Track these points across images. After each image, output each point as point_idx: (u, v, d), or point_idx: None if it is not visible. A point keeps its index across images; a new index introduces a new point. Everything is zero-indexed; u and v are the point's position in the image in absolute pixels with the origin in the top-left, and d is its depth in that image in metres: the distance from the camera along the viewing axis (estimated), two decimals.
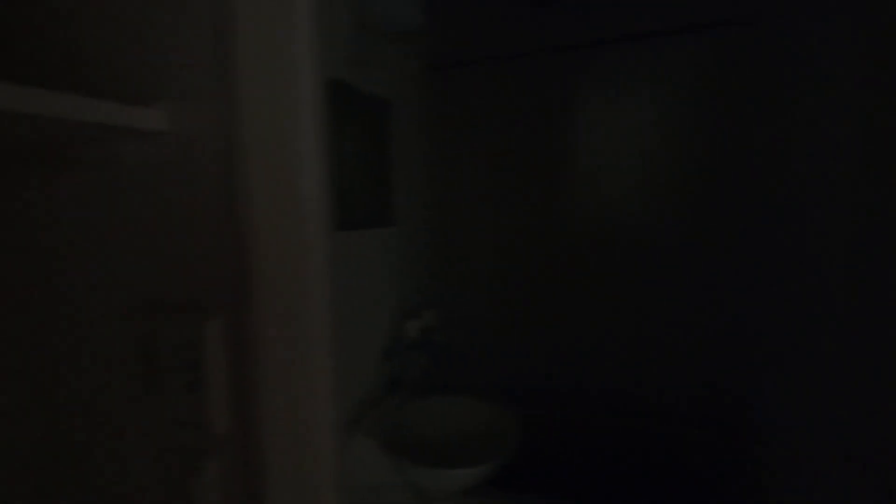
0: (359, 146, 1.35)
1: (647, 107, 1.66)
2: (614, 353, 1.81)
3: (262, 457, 0.49)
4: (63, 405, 0.59)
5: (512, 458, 1.22)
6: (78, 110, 0.42)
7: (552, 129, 1.80)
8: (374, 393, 1.42)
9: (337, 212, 1.22)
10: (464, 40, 1.83)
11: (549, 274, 1.87)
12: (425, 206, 1.78)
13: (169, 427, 0.53)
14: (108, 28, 0.51)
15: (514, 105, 1.83)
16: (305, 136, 0.49)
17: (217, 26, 0.48)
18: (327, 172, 0.55)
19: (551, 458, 1.85)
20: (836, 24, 0.84)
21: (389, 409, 1.37)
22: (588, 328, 1.83)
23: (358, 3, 1.32)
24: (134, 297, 0.53)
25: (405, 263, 1.60)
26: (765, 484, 1.09)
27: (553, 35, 1.74)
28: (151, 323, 0.51)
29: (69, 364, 0.58)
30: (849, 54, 0.79)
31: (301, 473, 0.50)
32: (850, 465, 0.58)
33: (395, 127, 1.58)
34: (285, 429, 0.49)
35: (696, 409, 1.72)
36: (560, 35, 1.74)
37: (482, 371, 2.00)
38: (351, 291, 1.30)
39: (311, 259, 0.52)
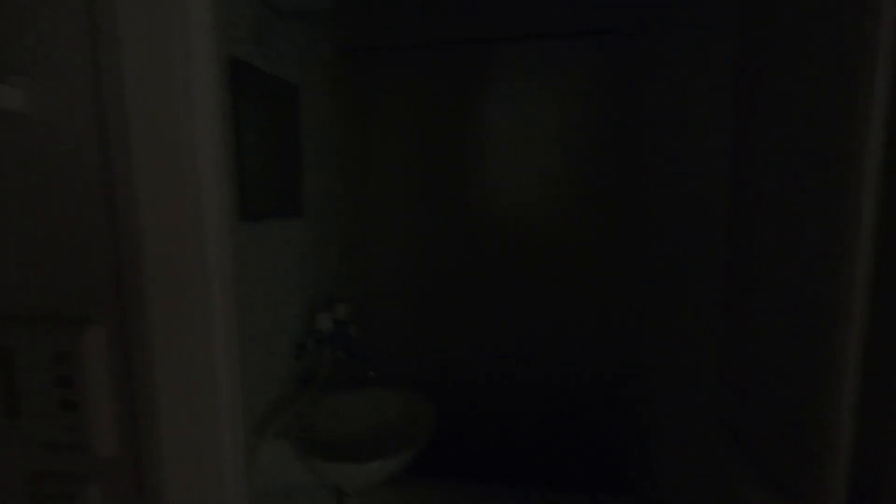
0: (264, 132, 1.26)
1: (545, 103, 1.75)
2: (519, 340, 1.89)
3: (159, 479, 0.45)
4: None
5: (428, 445, 1.24)
6: None
7: (459, 122, 1.82)
8: (285, 391, 1.36)
9: (240, 201, 1.14)
10: (375, 25, 1.78)
11: (459, 265, 1.90)
12: (336, 196, 1.72)
13: (37, 451, 0.47)
14: None
15: (424, 95, 1.82)
16: (200, 118, 0.45)
17: None
18: (228, 157, 0.50)
19: (464, 442, 1.91)
20: (714, 39, 0.94)
21: (302, 408, 1.32)
22: (495, 318, 1.90)
23: None
24: None
25: (315, 256, 1.54)
26: (650, 447, 1.22)
27: (460, 27, 1.76)
28: (5, 338, 0.44)
29: None
30: (721, 70, 0.89)
31: (204, 496, 0.46)
32: (720, 431, 0.66)
33: (305, 114, 1.51)
34: (185, 447, 0.45)
35: (590, 389, 1.86)
36: (467, 28, 1.76)
37: (396, 363, 1.99)
38: (257, 286, 1.22)
39: (210, 255, 0.47)
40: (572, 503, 1.32)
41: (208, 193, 0.46)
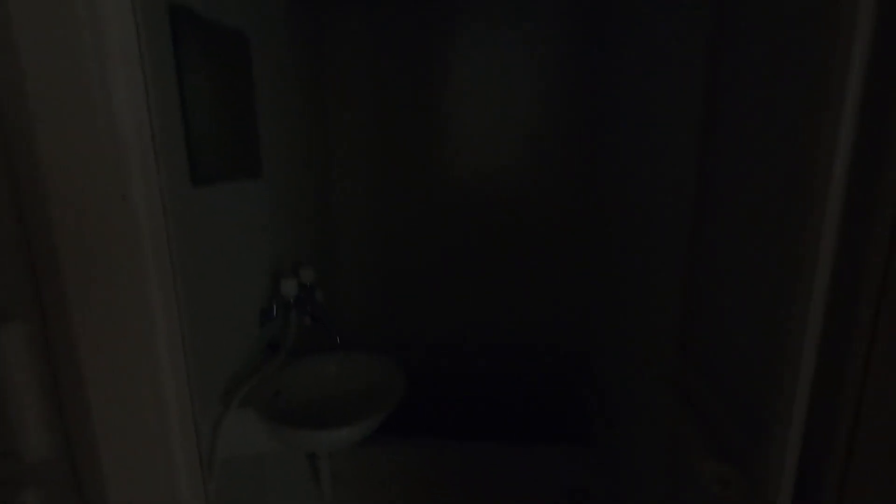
0: (212, 87, 1.16)
1: (515, 51, 1.68)
2: (485, 305, 1.91)
3: (101, 482, 0.42)
4: None
5: (397, 406, 1.25)
6: None
7: (425, 72, 1.74)
8: (251, 358, 1.34)
9: (190, 165, 1.06)
10: None
11: (426, 229, 1.88)
12: (296, 156, 1.64)
13: None
14: None
15: (387, 44, 1.72)
16: (118, 73, 0.39)
17: None
18: (160, 117, 0.45)
19: (432, 402, 1.95)
20: None
21: (268, 375, 1.30)
22: (462, 282, 1.90)
23: None
24: None
25: (277, 219, 1.48)
26: (609, 407, 1.27)
27: None
28: None
29: None
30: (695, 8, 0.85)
31: (154, 496, 0.44)
32: (677, 400, 0.68)
33: (258, 66, 1.40)
34: (128, 446, 0.42)
35: (553, 352, 1.91)
36: None
37: (363, 328, 1.99)
38: (216, 252, 1.17)
39: (141, 227, 0.43)
40: (536, 456, 1.37)
41: (134, 162, 0.41)
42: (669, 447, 0.78)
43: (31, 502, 0.42)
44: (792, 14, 0.50)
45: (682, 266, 0.74)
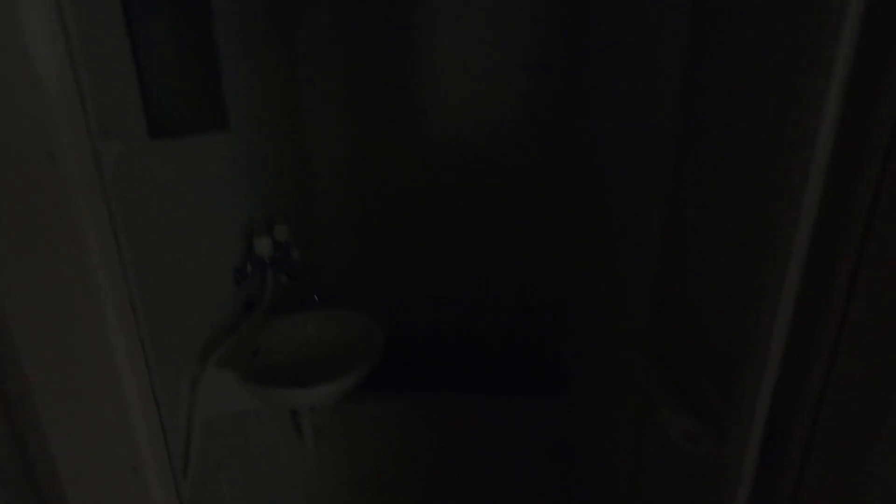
0: (167, 31, 1.07)
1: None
2: (464, 258, 1.90)
3: (58, 486, 0.40)
4: None
5: (378, 362, 1.26)
6: None
7: (403, 22, 1.64)
8: (228, 318, 1.32)
9: (146, 117, 0.99)
10: None
11: (403, 183, 1.83)
12: (264, 107, 1.55)
13: None
14: None
15: None
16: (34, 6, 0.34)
17: None
18: (80, 51, 0.40)
19: (411, 356, 1.97)
20: None
21: (245, 334, 1.29)
22: (440, 236, 1.88)
23: None
24: None
25: (246, 175, 1.42)
26: (585, 359, 1.30)
27: None
28: None
29: None
30: None
31: (116, 483, 0.43)
32: (650, 357, 0.68)
33: (222, 10, 1.29)
34: (81, 432, 0.40)
35: (531, 304, 1.93)
36: None
37: (340, 285, 1.97)
38: (184, 210, 1.12)
39: (73, 188, 0.39)
40: (515, 407, 1.41)
41: (58, 113, 0.37)
42: (641, 402, 0.80)
43: None
44: None
45: (661, 224, 0.73)
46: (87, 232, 0.40)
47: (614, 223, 1.12)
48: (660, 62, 0.85)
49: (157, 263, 1.02)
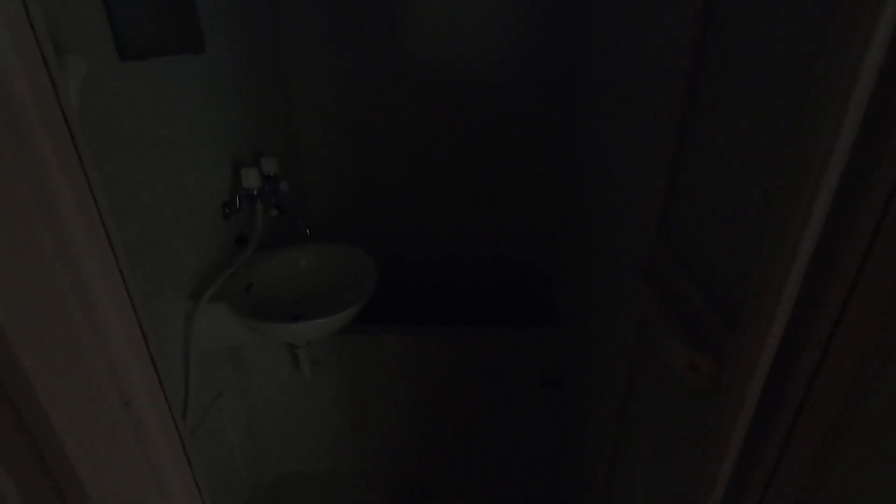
0: None
1: None
2: (457, 188, 1.85)
3: (47, 426, 0.38)
4: None
5: (373, 296, 1.25)
6: None
7: None
8: (219, 253, 1.29)
9: (113, 34, 0.91)
10: None
11: (394, 111, 1.74)
12: (243, 27, 1.43)
13: None
14: None
15: None
16: None
17: None
18: None
19: (404, 292, 1.98)
20: None
21: (238, 269, 1.27)
22: (432, 165, 1.82)
23: None
24: None
25: (228, 102, 1.34)
26: (581, 289, 1.31)
27: None
28: None
29: None
30: None
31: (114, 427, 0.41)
32: (652, 287, 0.67)
33: None
34: (70, 385, 0.38)
35: (525, 237, 1.91)
36: None
37: (331, 218, 1.93)
38: (159, 139, 1.06)
39: (23, 117, 0.35)
40: (507, 338, 1.43)
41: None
42: (639, 331, 0.80)
43: None
44: None
45: (667, 149, 0.69)
46: (50, 165, 0.36)
47: (617, 151, 1.07)
48: None
49: (137, 196, 0.98)
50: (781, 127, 0.45)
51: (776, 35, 0.47)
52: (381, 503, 1.59)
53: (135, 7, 0.96)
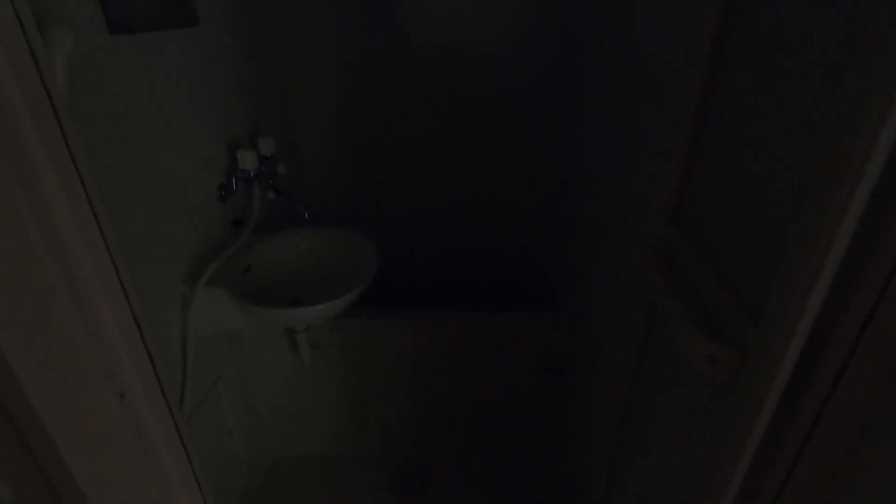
0: None
1: None
2: (459, 171, 1.82)
3: (37, 422, 0.36)
4: None
5: (372, 280, 1.23)
6: None
7: None
8: (216, 237, 1.26)
9: (102, 5, 0.86)
10: None
11: (395, 93, 1.69)
12: (240, 5, 1.38)
13: None
14: None
15: None
16: None
17: None
18: None
19: (404, 276, 1.96)
20: None
21: (236, 252, 1.24)
22: (432, 147, 1.78)
23: None
24: None
25: (223, 79, 1.29)
26: (584, 275, 1.29)
27: None
28: None
29: None
30: None
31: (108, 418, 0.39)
32: (665, 274, 0.64)
33: None
34: (60, 377, 0.36)
35: (526, 217, 1.88)
36: None
37: (330, 201, 1.90)
38: (151, 117, 1.02)
39: (8, 94, 0.32)
40: (508, 322, 1.41)
41: None
42: (647, 320, 0.78)
43: None
44: None
45: (684, 129, 0.66)
46: (33, 147, 0.33)
47: (622, 136, 1.04)
48: None
49: (128, 178, 0.94)
50: (818, 100, 0.42)
51: None
52: (381, 487, 1.59)
53: None
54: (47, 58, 0.36)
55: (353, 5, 1.56)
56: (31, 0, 0.35)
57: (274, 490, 1.59)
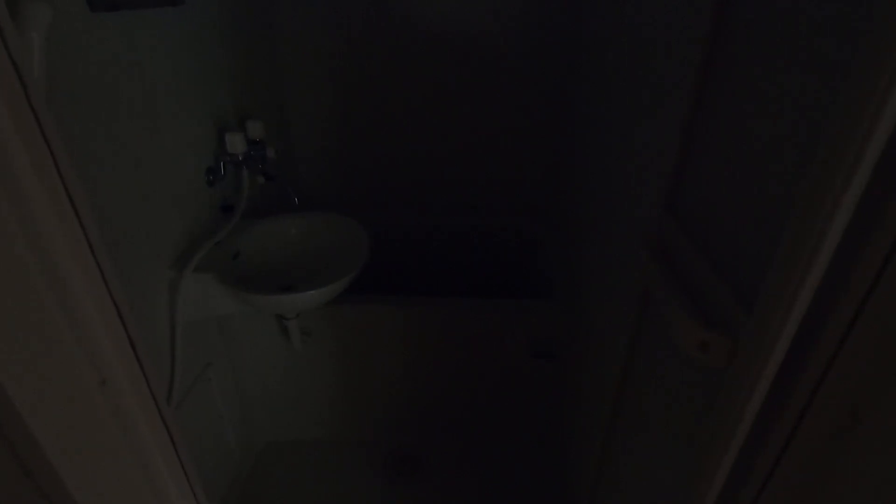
0: None
1: None
2: (451, 157, 1.80)
3: (16, 417, 0.35)
4: None
5: (365, 266, 1.22)
6: None
7: None
8: (204, 222, 1.24)
9: None
10: None
11: (387, 77, 1.66)
12: None
13: None
14: None
15: None
16: None
17: None
18: None
19: (395, 262, 1.95)
20: None
21: (225, 238, 1.22)
22: (424, 131, 1.76)
23: None
24: None
25: (209, 60, 1.26)
26: (577, 261, 1.28)
27: None
28: None
29: None
30: None
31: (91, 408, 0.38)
32: (659, 262, 0.64)
33: None
34: (40, 368, 0.35)
35: (519, 205, 1.87)
36: None
37: (320, 186, 1.88)
38: (135, 97, 0.99)
39: None
40: (500, 309, 1.41)
41: None
42: (640, 306, 0.78)
43: None
44: None
45: (680, 114, 0.65)
46: (3, 128, 0.32)
47: (617, 120, 1.03)
48: None
49: (111, 162, 0.92)
50: (816, 88, 0.41)
51: None
52: (373, 472, 1.60)
53: None
54: (15, 29, 0.34)
55: None
56: None
57: (265, 475, 1.59)
